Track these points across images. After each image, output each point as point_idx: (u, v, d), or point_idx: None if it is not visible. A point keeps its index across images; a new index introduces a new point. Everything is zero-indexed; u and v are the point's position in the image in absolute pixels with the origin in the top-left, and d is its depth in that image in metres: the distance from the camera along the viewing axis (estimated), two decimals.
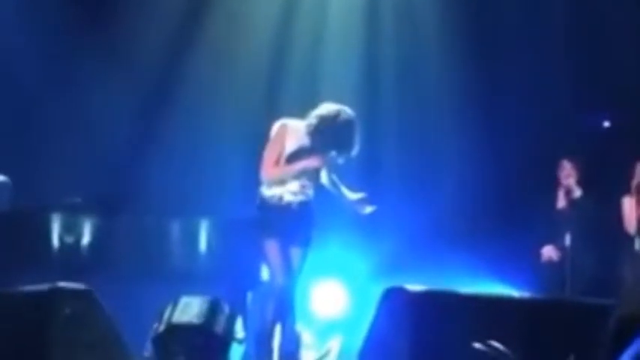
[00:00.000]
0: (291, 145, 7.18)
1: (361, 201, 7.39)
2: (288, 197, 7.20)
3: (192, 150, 10.42)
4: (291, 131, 7.19)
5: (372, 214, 7.45)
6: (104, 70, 10.28)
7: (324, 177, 7.39)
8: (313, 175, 7.28)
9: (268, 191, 7.23)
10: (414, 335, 5.76)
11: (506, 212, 9.93)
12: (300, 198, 7.22)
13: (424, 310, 5.84)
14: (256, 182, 7.41)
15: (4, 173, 9.06)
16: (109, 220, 9.84)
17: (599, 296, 7.13)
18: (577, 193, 9.41)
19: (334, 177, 7.42)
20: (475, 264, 9.27)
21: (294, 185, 7.20)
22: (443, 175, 10.24)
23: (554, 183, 9.60)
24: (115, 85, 10.28)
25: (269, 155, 7.18)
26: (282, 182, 7.20)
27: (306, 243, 7.27)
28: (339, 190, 7.43)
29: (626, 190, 9.14)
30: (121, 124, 10.22)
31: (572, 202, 9.39)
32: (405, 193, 10.07)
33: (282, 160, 7.16)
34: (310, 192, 7.27)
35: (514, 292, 8.29)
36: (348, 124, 7.16)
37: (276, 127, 7.25)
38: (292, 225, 7.18)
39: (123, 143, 10.28)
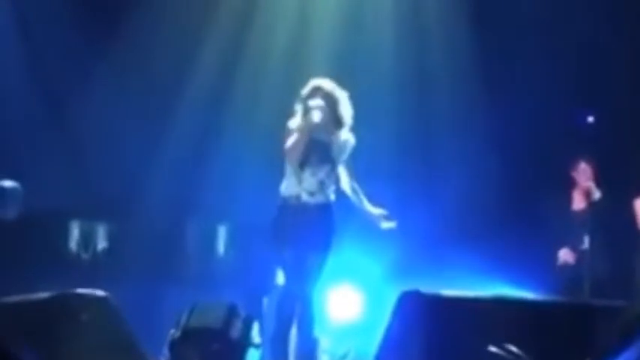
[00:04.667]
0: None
1: (382, 216, 7.39)
2: (305, 197, 7.19)
3: (208, 155, 10.43)
4: (293, 125, 7.26)
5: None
6: (117, 76, 10.32)
7: (344, 183, 7.37)
8: (331, 172, 7.25)
9: (286, 191, 7.23)
10: (430, 338, 5.76)
11: (520, 214, 9.92)
12: (318, 199, 7.19)
13: (440, 314, 5.84)
14: (271, 188, 7.41)
15: (16, 177, 9.09)
16: (125, 224, 9.88)
17: (618, 298, 7.13)
18: (597, 195, 9.40)
19: (355, 185, 7.41)
20: (490, 266, 9.26)
21: (311, 182, 7.17)
22: (456, 176, 10.22)
23: (567, 184, 9.60)
24: (127, 92, 10.31)
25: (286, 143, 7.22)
26: (299, 181, 7.20)
27: (323, 248, 7.21)
28: (360, 199, 7.40)
29: (638, 192, 9.15)
30: (135, 130, 10.23)
31: (591, 204, 9.38)
32: (418, 195, 10.06)
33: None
34: (329, 191, 7.24)
35: (529, 295, 8.27)
36: (333, 90, 7.27)
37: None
38: (309, 230, 7.15)
39: (136, 149, 10.29)
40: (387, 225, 7.39)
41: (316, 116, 7.10)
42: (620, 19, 10.11)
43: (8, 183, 8.94)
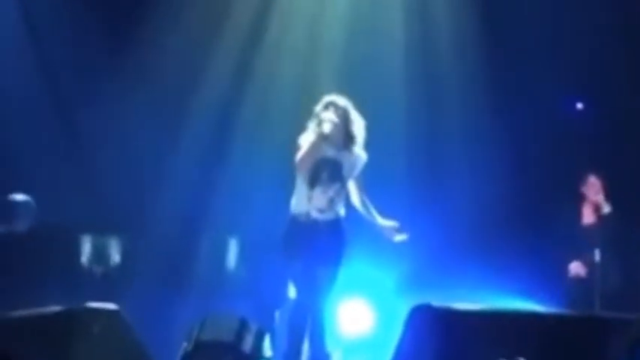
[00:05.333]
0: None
1: (393, 228, 7.38)
2: (314, 214, 7.20)
3: (219, 169, 10.44)
4: (303, 141, 7.26)
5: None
6: (129, 90, 10.34)
7: (354, 197, 7.37)
8: (341, 189, 7.26)
9: (296, 208, 7.24)
10: (441, 352, 5.77)
11: (532, 227, 9.91)
12: (327, 216, 7.20)
13: (451, 327, 5.85)
14: (282, 201, 7.42)
15: (28, 190, 9.13)
16: (136, 237, 9.89)
17: (628, 312, 7.11)
18: (606, 209, 9.42)
19: (365, 198, 7.40)
20: (501, 279, 9.26)
21: (321, 200, 7.18)
22: (467, 189, 10.21)
23: (578, 196, 9.59)
24: (139, 105, 10.32)
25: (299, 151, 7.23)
26: (309, 198, 7.21)
27: (335, 262, 7.21)
28: (370, 213, 7.39)
29: None
30: (147, 144, 10.25)
31: (600, 218, 9.39)
32: (429, 208, 10.05)
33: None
34: (339, 208, 7.25)
35: (540, 308, 8.27)
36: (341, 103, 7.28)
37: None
38: (320, 245, 7.15)
39: (148, 162, 10.31)
40: (399, 237, 7.39)
41: (326, 127, 7.11)
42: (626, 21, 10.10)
43: (20, 196, 8.99)
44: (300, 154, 7.18)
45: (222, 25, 10.68)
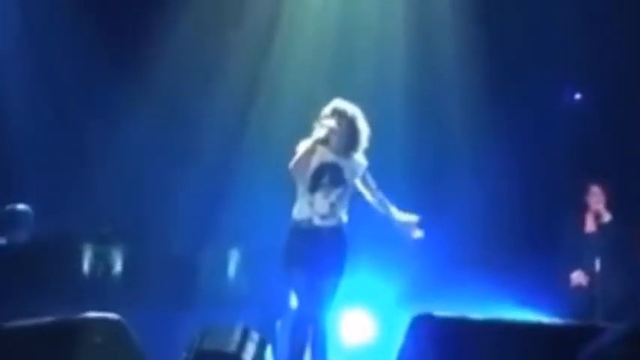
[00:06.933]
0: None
1: (412, 224, 7.36)
2: (317, 221, 7.18)
3: (222, 179, 10.46)
4: (301, 146, 7.26)
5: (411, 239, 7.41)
6: (135, 100, 10.38)
7: (369, 197, 7.36)
8: (343, 194, 7.25)
9: (298, 215, 7.22)
10: None
11: (533, 237, 9.92)
12: (330, 223, 7.18)
13: (452, 337, 5.84)
14: (284, 212, 7.42)
15: (32, 200, 9.13)
16: (138, 248, 9.91)
17: (630, 321, 7.10)
18: (606, 217, 9.46)
19: (381, 196, 7.38)
20: (503, 289, 9.26)
21: (322, 206, 7.17)
22: (469, 199, 10.23)
23: (580, 206, 9.61)
24: (145, 117, 10.37)
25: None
26: (311, 204, 7.20)
27: (336, 272, 7.21)
28: (387, 210, 7.38)
29: None
30: (151, 154, 10.28)
31: (600, 226, 9.43)
32: (431, 218, 10.04)
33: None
34: (341, 214, 7.24)
35: (542, 318, 8.26)
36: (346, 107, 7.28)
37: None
38: (322, 254, 7.14)
39: (151, 173, 10.33)
40: (417, 234, 7.37)
41: (321, 132, 7.11)
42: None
43: (20, 206, 9.00)
44: (293, 159, 7.17)
45: (229, 36, 10.72)
